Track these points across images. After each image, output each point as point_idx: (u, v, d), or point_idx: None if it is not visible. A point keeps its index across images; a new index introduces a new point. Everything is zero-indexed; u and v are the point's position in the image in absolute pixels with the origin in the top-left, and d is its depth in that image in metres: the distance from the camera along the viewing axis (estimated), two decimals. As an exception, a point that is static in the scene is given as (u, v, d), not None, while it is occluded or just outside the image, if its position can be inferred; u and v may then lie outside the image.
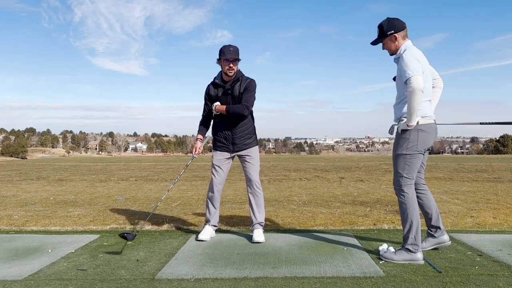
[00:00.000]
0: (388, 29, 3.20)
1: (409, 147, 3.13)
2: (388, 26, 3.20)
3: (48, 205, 6.06)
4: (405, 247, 3.16)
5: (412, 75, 2.95)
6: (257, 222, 3.91)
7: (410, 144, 3.13)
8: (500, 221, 4.66)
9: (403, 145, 3.15)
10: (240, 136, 3.89)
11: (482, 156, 26.72)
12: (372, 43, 3.34)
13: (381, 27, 3.23)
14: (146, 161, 20.37)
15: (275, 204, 6.01)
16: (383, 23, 3.23)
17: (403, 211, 3.20)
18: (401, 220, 3.24)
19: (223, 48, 3.73)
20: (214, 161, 3.96)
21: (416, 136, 3.12)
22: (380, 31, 3.25)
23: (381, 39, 3.27)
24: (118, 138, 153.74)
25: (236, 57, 3.72)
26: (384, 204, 5.86)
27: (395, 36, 3.19)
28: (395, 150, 3.23)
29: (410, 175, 3.18)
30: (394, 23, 3.20)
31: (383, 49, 3.32)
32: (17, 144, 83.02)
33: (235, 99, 3.82)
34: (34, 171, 13.29)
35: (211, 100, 3.91)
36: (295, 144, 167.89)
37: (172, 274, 2.91)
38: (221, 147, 3.94)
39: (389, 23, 3.21)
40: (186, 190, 7.80)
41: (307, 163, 17.01)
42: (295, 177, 10.38)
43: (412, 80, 2.94)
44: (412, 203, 3.19)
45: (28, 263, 3.19)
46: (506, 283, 2.67)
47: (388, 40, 3.23)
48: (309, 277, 2.81)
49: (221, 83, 3.85)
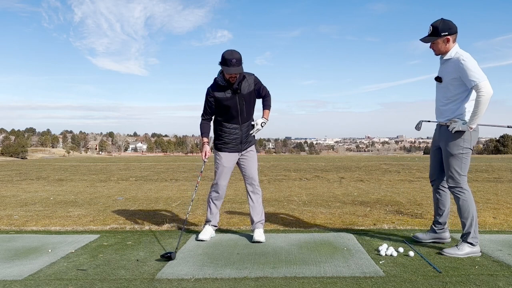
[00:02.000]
0: (443, 30, 3.25)
1: (466, 147, 3.30)
2: (443, 27, 3.26)
3: (48, 205, 6.06)
4: (468, 241, 3.29)
5: (482, 81, 3.10)
6: (258, 221, 3.90)
7: (466, 143, 3.29)
8: (500, 221, 4.66)
9: (459, 144, 3.29)
10: (247, 134, 3.90)
11: (482, 156, 26.70)
12: (423, 40, 3.38)
13: (436, 27, 3.29)
14: (146, 161, 20.37)
15: (275, 204, 6.01)
16: (438, 23, 3.29)
17: (465, 208, 3.32)
18: (462, 216, 3.35)
19: (226, 58, 3.54)
20: (224, 163, 3.87)
21: (470, 136, 3.28)
22: (434, 31, 3.30)
23: (433, 38, 3.30)
24: (118, 138, 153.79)
25: (240, 72, 3.60)
26: (384, 204, 5.86)
27: (448, 38, 3.27)
28: (451, 150, 3.31)
29: (466, 172, 3.35)
30: (449, 25, 3.28)
31: (430, 48, 3.39)
32: (17, 144, 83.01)
33: (244, 97, 3.75)
34: (34, 171, 13.29)
35: (220, 103, 3.74)
36: (295, 144, 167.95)
37: (172, 274, 2.91)
38: (231, 148, 3.86)
39: (444, 24, 3.28)
40: (186, 190, 7.80)
41: (307, 163, 17.01)
42: (295, 177, 10.38)
43: (483, 86, 3.09)
44: (472, 199, 3.35)
45: (28, 263, 3.19)
46: (506, 283, 2.67)
47: (440, 40, 3.29)
48: (309, 277, 2.81)
49: (226, 84, 3.72)
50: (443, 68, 3.36)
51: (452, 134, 3.29)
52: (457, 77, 3.23)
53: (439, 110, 3.44)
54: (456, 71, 3.22)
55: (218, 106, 3.78)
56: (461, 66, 3.18)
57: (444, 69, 3.35)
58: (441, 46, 3.31)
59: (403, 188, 7.89)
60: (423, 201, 6.15)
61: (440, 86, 3.41)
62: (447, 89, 3.34)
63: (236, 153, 3.91)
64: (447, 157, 3.34)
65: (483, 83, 3.08)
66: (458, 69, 3.20)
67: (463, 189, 3.32)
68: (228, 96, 3.73)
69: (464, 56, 3.21)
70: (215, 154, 3.97)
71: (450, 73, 3.28)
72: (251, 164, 3.93)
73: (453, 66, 3.24)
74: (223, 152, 3.88)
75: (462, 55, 3.22)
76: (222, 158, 3.89)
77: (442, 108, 3.40)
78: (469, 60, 3.18)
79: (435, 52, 3.38)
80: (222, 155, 3.89)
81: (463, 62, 3.17)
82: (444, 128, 3.39)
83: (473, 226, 3.30)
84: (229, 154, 3.88)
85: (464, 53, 3.25)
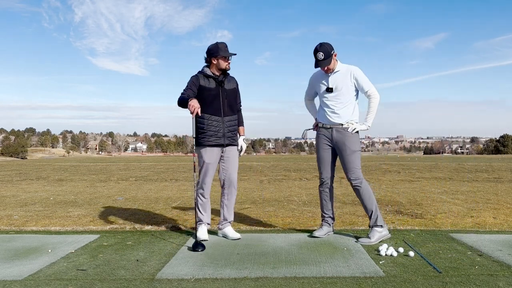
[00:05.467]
0: (331, 49, 3.69)
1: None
2: (330, 48, 3.67)
3: (48, 205, 6.06)
4: (378, 224, 3.74)
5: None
6: (231, 220, 4.01)
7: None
8: (500, 221, 4.66)
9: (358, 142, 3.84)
10: (229, 130, 3.90)
11: (482, 156, 26.73)
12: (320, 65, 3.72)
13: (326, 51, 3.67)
14: (146, 161, 20.37)
15: (275, 204, 6.01)
16: (325, 47, 3.66)
17: (369, 196, 3.76)
18: (367, 204, 3.77)
19: (219, 46, 3.78)
20: (207, 159, 3.83)
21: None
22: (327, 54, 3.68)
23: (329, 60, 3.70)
24: (118, 138, 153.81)
25: (234, 54, 3.83)
26: (384, 204, 5.86)
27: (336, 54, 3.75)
28: (354, 148, 3.78)
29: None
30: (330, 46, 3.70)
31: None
32: (17, 144, 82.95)
33: (225, 91, 3.88)
34: (34, 171, 13.29)
35: (203, 91, 3.80)
36: (295, 144, 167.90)
37: (172, 274, 2.91)
38: (214, 141, 3.82)
39: (328, 45, 3.68)
40: (186, 190, 7.80)
41: (307, 163, 17.01)
42: (295, 177, 10.38)
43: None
44: (369, 186, 3.83)
45: (28, 263, 3.19)
46: (506, 283, 2.67)
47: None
48: (309, 277, 2.81)
49: (213, 75, 3.86)
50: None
51: (352, 134, 3.77)
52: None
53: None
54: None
55: (201, 94, 3.81)
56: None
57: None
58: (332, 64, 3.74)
59: (403, 188, 7.89)
60: (423, 201, 6.15)
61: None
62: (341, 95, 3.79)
63: (219, 148, 3.88)
64: (348, 155, 3.76)
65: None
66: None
67: (363, 181, 3.77)
68: (212, 87, 3.84)
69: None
70: (197, 152, 3.91)
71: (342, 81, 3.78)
72: (232, 166, 3.95)
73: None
74: (205, 147, 3.84)
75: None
76: (204, 154, 3.85)
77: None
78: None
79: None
80: (204, 151, 3.84)
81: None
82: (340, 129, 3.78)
83: (378, 209, 3.78)
84: (211, 149, 3.85)
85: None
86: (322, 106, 3.88)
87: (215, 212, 4.84)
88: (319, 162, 3.95)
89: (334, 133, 3.80)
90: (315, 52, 3.67)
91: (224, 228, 3.96)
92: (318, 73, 3.92)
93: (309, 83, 4.04)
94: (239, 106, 4.08)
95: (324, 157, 3.90)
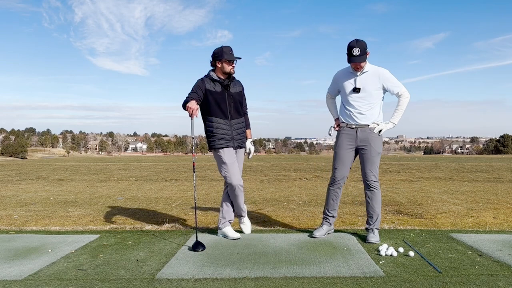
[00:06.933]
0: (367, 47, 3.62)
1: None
2: (365, 46, 3.61)
3: (48, 205, 6.06)
4: (378, 227, 3.86)
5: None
6: (230, 219, 4.02)
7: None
8: (500, 221, 4.66)
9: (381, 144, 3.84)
10: (237, 132, 3.93)
11: (482, 156, 26.72)
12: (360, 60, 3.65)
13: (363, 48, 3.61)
14: (146, 161, 20.38)
15: (275, 204, 6.01)
16: (361, 44, 3.60)
17: (379, 199, 3.86)
18: (376, 207, 3.83)
19: (223, 49, 3.78)
20: (226, 158, 3.82)
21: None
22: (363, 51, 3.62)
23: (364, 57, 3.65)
24: (118, 138, 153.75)
25: (239, 58, 3.83)
26: (384, 204, 5.86)
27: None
28: (378, 149, 3.78)
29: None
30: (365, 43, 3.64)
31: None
32: (17, 144, 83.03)
33: (231, 96, 3.88)
34: (34, 171, 13.29)
35: (208, 95, 3.81)
36: (295, 144, 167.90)
37: (172, 274, 2.91)
38: (225, 144, 3.85)
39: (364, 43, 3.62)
40: (186, 190, 7.80)
41: (307, 163, 17.01)
42: (295, 177, 10.38)
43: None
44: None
45: (28, 263, 3.19)
46: (506, 283, 2.67)
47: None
48: (309, 277, 2.81)
49: (218, 79, 3.86)
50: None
51: (378, 136, 3.77)
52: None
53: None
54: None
55: (207, 98, 3.82)
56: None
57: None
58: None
59: (403, 188, 7.89)
60: (423, 201, 6.15)
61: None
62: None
63: (231, 148, 3.90)
64: (374, 156, 3.75)
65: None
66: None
67: (379, 184, 3.85)
68: (218, 91, 3.84)
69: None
70: (214, 155, 3.93)
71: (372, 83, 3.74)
72: (239, 166, 4.00)
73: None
74: (220, 148, 3.85)
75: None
76: (223, 154, 3.85)
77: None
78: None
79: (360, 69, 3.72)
80: (223, 152, 3.85)
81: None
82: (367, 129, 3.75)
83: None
84: (227, 149, 3.86)
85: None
86: (345, 106, 3.80)
87: (214, 212, 4.84)
88: (337, 161, 3.84)
89: (359, 133, 3.74)
90: (351, 48, 3.56)
91: (224, 228, 3.96)
92: (344, 71, 3.84)
93: (333, 80, 3.95)
94: (245, 109, 4.09)
95: (344, 157, 3.81)
